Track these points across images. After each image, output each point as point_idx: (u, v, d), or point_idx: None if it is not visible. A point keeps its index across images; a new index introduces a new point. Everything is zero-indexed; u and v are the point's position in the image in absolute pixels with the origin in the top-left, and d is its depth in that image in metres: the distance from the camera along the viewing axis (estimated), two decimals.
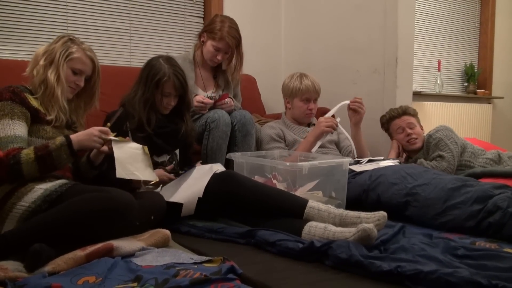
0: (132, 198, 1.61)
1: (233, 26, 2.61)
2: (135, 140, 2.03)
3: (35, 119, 1.75)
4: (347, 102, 2.59)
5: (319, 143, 2.46)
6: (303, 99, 2.64)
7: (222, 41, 2.56)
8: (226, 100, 2.58)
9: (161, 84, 2.08)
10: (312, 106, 2.65)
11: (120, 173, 1.72)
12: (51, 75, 1.78)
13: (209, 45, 2.60)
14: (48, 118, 1.77)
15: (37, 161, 1.62)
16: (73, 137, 1.69)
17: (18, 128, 1.68)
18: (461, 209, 1.86)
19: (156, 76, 2.07)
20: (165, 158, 2.18)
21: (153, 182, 1.87)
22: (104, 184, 1.72)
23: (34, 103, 1.76)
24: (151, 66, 2.12)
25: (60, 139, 1.67)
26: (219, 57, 2.61)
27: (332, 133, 2.53)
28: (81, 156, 1.87)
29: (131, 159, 1.79)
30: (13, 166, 1.60)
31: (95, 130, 1.72)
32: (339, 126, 2.49)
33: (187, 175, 2.05)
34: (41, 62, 1.80)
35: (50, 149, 1.64)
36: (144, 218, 1.72)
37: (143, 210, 1.70)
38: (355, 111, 2.60)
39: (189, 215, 1.93)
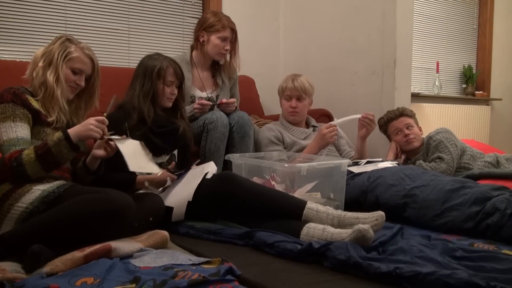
0: (131, 200, 1.61)
1: (226, 15, 2.69)
2: (134, 139, 2.03)
3: (36, 121, 1.74)
4: (358, 116, 2.59)
5: (324, 152, 2.50)
6: (285, 97, 2.69)
7: (226, 29, 2.61)
8: (233, 100, 2.58)
9: (162, 73, 2.11)
10: (294, 104, 2.66)
11: (133, 166, 1.72)
12: (50, 76, 1.77)
13: (214, 39, 2.62)
14: (49, 119, 1.76)
15: (38, 159, 1.61)
16: (70, 130, 1.68)
17: (20, 130, 1.68)
18: (459, 210, 1.86)
19: (156, 67, 2.11)
20: (164, 158, 2.17)
21: (156, 174, 1.86)
22: (104, 186, 1.72)
23: (35, 104, 1.75)
24: (145, 63, 2.16)
25: (57, 134, 1.67)
26: (227, 47, 2.64)
27: (336, 140, 2.58)
28: (81, 156, 1.86)
29: (135, 154, 1.80)
30: (17, 168, 1.60)
31: (91, 119, 1.70)
32: (339, 129, 2.49)
33: (181, 178, 2.05)
34: (40, 64, 1.80)
35: (49, 145, 1.63)
36: (143, 219, 1.72)
37: (141, 211, 1.70)
38: (364, 127, 2.61)
39: (187, 216, 1.93)
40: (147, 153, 1.89)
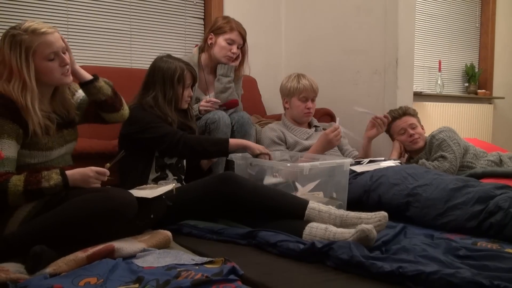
0: (132, 197, 1.60)
1: (237, 21, 2.65)
2: None
3: (30, 133, 1.58)
4: (372, 114, 2.60)
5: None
6: (301, 98, 2.64)
7: (234, 31, 2.58)
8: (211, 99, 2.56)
9: (183, 78, 2.14)
10: (310, 105, 2.65)
11: (155, 193, 1.72)
12: (14, 87, 1.55)
13: (221, 40, 2.59)
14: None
15: (25, 194, 1.52)
16: (69, 175, 1.59)
17: (6, 149, 1.53)
18: (462, 209, 1.85)
19: (176, 72, 2.12)
20: (173, 160, 2.17)
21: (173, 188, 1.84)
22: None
23: None
24: (162, 67, 2.14)
25: (56, 178, 1.56)
26: (234, 50, 2.59)
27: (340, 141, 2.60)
28: None
29: (142, 189, 1.78)
30: None
31: (91, 171, 1.61)
32: (342, 128, 2.48)
33: None
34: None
35: (42, 186, 1.54)
36: (144, 216, 1.71)
37: (142, 208, 1.68)
38: (374, 127, 2.62)
39: (190, 216, 1.93)
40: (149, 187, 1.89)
